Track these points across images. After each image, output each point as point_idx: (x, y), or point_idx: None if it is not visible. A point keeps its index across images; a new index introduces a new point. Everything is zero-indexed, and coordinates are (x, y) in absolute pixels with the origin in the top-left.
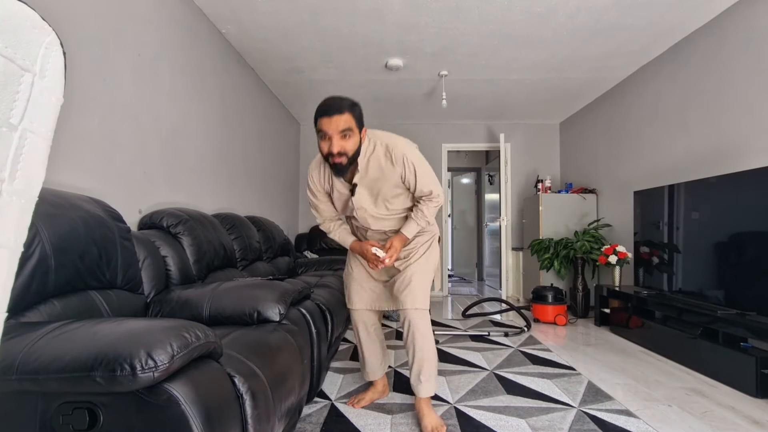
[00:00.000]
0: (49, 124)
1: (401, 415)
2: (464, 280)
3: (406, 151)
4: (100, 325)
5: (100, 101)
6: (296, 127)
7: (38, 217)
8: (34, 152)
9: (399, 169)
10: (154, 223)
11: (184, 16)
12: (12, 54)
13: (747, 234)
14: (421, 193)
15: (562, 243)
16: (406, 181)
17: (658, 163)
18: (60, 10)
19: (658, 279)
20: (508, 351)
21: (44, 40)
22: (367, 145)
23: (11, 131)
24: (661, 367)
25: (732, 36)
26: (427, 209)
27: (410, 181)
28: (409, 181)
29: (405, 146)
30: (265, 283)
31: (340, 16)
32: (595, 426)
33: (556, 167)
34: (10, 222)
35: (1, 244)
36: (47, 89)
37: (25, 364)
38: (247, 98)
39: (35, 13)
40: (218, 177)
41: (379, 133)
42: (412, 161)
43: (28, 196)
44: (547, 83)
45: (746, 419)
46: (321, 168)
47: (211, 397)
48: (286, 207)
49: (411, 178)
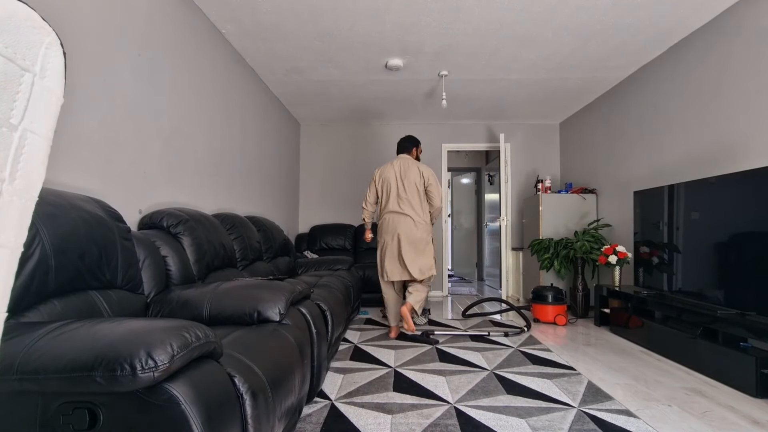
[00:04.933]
0: (50, 124)
1: (401, 415)
2: (464, 280)
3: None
4: (100, 325)
5: (100, 101)
6: (296, 127)
7: (38, 217)
8: (34, 152)
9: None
10: (154, 223)
11: (184, 16)
12: (12, 54)
13: (747, 234)
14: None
15: (562, 243)
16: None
17: (658, 163)
18: (60, 10)
19: (658, 279)
20: (508, 351)
21: (44, 40)
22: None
23: (11, 131)
24: (661, 367)
25: (732, 36)
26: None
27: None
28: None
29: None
30: (265, 283)
31: (340, 16)
32: (595, 426)
33: (556, 167)
34: (10, 222)
35: (1, 244)
36: (47, 89)
37: (25, 364)
38: (247, 98)
39: (35, 14)
40: (218, 177)
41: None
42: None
43: (29, 196)
44: (547, 83)
45: (746, 419)
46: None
47: (211, 397)
48: (286, 207)
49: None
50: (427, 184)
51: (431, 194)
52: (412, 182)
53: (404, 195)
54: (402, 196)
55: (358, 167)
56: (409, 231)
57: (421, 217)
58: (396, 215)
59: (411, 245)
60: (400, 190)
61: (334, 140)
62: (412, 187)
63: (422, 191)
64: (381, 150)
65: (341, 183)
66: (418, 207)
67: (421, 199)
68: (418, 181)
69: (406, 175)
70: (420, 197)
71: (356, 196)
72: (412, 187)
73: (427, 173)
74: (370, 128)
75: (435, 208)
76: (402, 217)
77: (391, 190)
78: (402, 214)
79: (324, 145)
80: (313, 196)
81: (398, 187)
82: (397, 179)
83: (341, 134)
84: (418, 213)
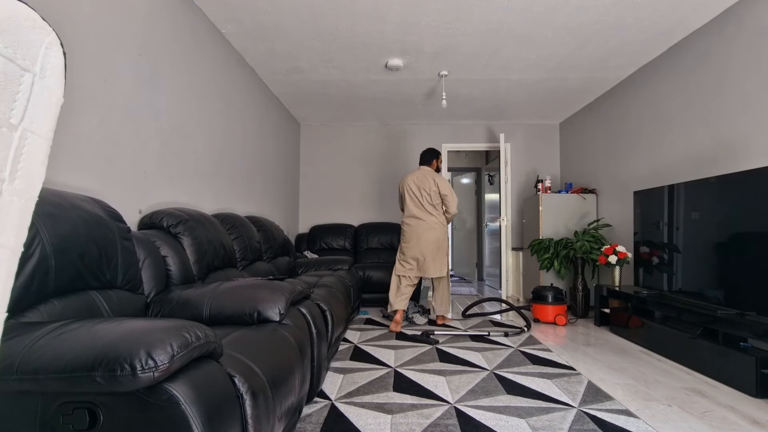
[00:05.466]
0: (50, 123)
1: (401, 415)
2: (464, 280)
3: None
4: (100, 325)
5: (100, 101)
6: (296, 127)
7: (38, 217)
8: (34, 152)
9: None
10: (154, 223)
11: (184, 16)
12: (12, 54)
13: (747, 234)
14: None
15: (562, 243)
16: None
17: (658, 163)
18: (60, 10)
19: (658, 279)
20: (508, 351)
21: (44, 40)
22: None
23: (11, 131)
24: (661, 367)
25: (732, 36)
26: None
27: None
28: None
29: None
30: (265, 283)
31: (340, 16)
32: (595, 426)
33: (556, 167)
34: (10, 222)
35: (1, 244)
36: (47, 89)
37: (25, 364)
38: (247, 98)
39: (35, 14)
40: (218, 177)
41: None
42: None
43: (29, 196)
44: (547, 83)
45: (746, 419)
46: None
47: (211, 397)
48: (286, 207)
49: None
50: (443, 195)
51: (447, 203)
52: (428, 191)
53: (422, 202)
54: (420, 203)
55: (358, 167)
56: (427, 233)
57: (437, 220)
58: (416, 220)
59: (429, 245)
60: (418, 197)
61: (334, 140)
62: (428, 195)
63: (437, 198)
64: (381, 150)
65: (341, 183)
66: (434, 211)
67: (435, 205)
68: (434, 190)
69: (423, 185)
70: (434, 203)
71: (356, 196)
72: (428, 195)
73: (441, 184)
74: (370, 128)
75: (451, 214)
76: (421, 221)
77: (412, 198)
78: (421, 219)
79: (324, 145)
80: (313, 196)
81: (417, 195)
82: (416, 188)
83: (341, 134)
84: (434, 216)
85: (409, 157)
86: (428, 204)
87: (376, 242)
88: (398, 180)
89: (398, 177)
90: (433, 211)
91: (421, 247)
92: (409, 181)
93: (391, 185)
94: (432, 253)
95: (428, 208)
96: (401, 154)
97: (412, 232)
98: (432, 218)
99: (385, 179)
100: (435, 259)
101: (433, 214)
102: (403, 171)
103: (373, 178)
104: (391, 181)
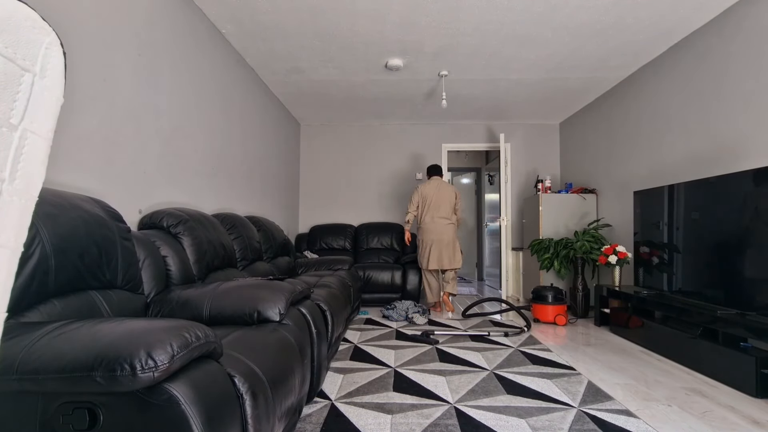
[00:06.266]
0: (50, 124)
1: (401, 415)
2: (464, 280)
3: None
4: (100, 325)
5: (100, 101)
6: (296, 127)
7: (38, 217)
8: (34, 152)
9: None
10: (154, 223)
11: (184, 16)
12: (12, 54)
13: (747, 234)
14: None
15: (562, 243)
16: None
17: (658, 163)
18: (60, 10)
19: (657, 279)
20: (508, 351)
21: (44, 40)
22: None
23: (11, 131)
24: (661, 367)
25: (732, 36)
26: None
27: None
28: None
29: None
30: (265, 283)
31: (340, 16)
32: (595, 426)
33: (556, 167)
34: (10, 222)
35: (1, 244)
36: (47, 89)
37: (25, 364)
38: (247, 98)
39: (35, 14)
40: (218, 177)
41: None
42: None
43: (29, 196)
44: (547, 83)
45: (746, 419)
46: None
47: (211, 397)
48: (286, 207)
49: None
50: (457, 205)
51: (459, 209)
52: (446, 197)
53: (441, 206)
54: (439, 207)
55: (358, 167)
56: (446, 232)
57: (452, 221)
58: (436, 223)
59: (448, 243)
60: (438, 201)
61: (334, 140)
62: (446, 200)
63: (452, 203)
64: (381, 150)
65: (341, 183)
66: (450, 214)
67: (450, 209)
68: (451, 197)
69: (444, 193)
70: (450, 207)
71: (356, 196)
72: (446, 200)
73: (458, 194)
74: (370, 128)
75: (460, 217)
76: (440, 221)
77: (432, 202)
78: (440, 221)
79: (324, 145)
80: (313, 196)
81: (437, 200)
82: (436, 194)
83: (341, 134)
84: (450, 219)
85: (409, 158)
86: (446, 209)
87: (376, 242)
88: (398, 180)
89: (398, 177)
90: (449, 215)
91: (441, 245)
92: (431, 189)
93: (391, 185)
94: (449, 248)
95: (446, 213)
96: (401, 155)
97: (434, 230)
98: (447, 221)
99: (385, 179)
100: (453, 253)
101: (448, 217)
102: (403, 171)
103: (373, 178)
104: (391, 181)
